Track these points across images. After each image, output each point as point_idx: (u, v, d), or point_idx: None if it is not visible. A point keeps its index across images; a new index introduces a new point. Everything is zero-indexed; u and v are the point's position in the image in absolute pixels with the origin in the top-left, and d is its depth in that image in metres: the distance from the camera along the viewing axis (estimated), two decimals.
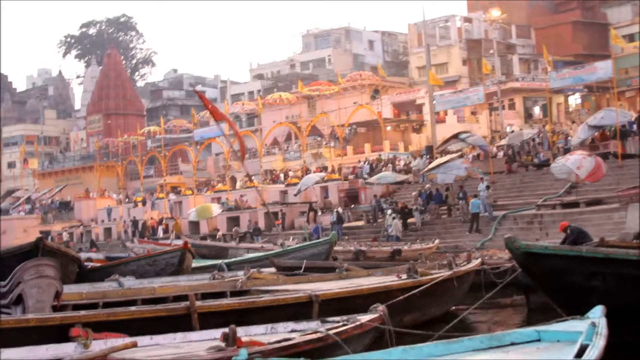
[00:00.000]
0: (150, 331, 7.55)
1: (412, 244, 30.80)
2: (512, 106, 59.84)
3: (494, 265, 17.19)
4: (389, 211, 37.99)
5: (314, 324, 7.85)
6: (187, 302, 8.86)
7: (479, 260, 15.94)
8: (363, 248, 28.74)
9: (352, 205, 45.36)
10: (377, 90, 63.76)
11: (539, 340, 7.22)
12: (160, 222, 55.48)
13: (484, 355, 6.46)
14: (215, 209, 50.32)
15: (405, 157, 54.76)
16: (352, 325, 7.23)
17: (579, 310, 7.80)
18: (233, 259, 21.72)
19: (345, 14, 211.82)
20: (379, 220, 39.50)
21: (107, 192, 75.71)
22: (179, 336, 7.67)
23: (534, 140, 44.98)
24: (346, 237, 37.09)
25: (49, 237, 58.13)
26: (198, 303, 8.90)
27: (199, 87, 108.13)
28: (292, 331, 7.71)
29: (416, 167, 47.70)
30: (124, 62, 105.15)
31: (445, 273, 13.18)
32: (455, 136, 43.95)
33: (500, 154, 46.12)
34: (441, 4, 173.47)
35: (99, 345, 6.74)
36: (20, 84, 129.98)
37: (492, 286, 13.45)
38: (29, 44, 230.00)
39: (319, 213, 44.65)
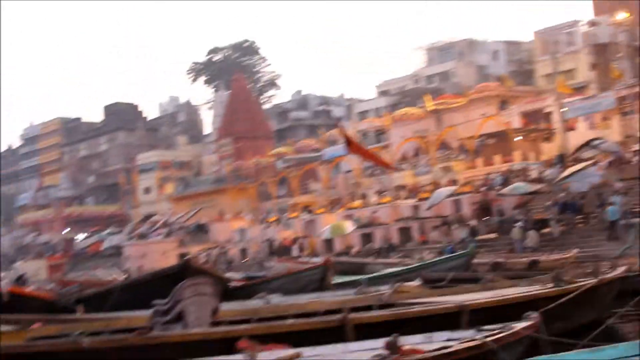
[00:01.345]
0: (307, 344, 7.82)
1: (550, 254, 30.45)
2: None
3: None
4: (518, 224, 37.77)
5: (469, 333, 8.01)
6: (341, 315, 9.17)
7: (625, 267, 15.73)
8: (500, 260, 28.59)
9: (485, 218, 45.09)
10: (505, 100, 63.22)
11: None
12: (294, 241, 56.21)
13: None
14: (349, 226, 50.73)
15: (536, 166, 54.07)
16: (508, 332, 7.37)
17: None
18: (373, 274, 21.97)
19: (467, 25, 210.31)
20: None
21: (241, 213, 76.99)
22: (340, 347, 7.96)
23: None
24: (481, 250, 36.89)
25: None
26: (351, 315, 9.19)
27: (323, 107, 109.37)
28: (448, 340, 7.88)
29: (549, 177, 47.10)
30: (250, 85, 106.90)
31: (591, 281, 13.11)
32: (588, 143, 43.37)
33: (635, 159, 45.11)
34: (565, 5, 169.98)
35: (264, 356, 7.06)
36: (151, 112, 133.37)
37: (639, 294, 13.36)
38: (157, 73, 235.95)
39: (452, 227, 44.57)
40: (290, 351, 7.18)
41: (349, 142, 24.34)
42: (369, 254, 44.87)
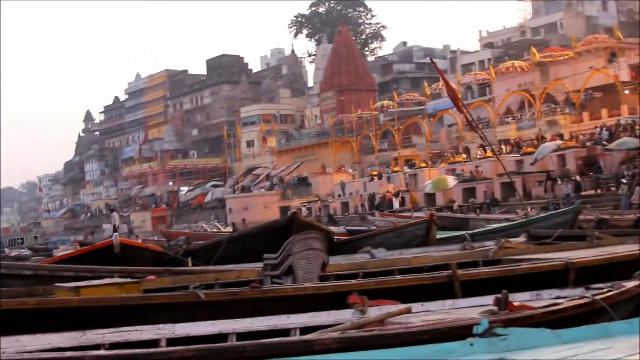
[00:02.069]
0: (414, 299, 7.93)
1: None
2: None
3: None
4: (624, 180, 37.14)
5: (577, 291, 8.01)
6: (449, 271, 9.28)
7: None
8: (605, 216, 28.19)
9: (591, 173, 44.43)
10: (615, 53, 61.83)
11: None
12: (396, 195, 56.31)
13: None
14: (451, 180, 50.59)
15: None
16: (618, 291, 7.37)
17: None
18: (477, 230, 21.87)
19: None
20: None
21: (343, 167, 77.34)
22: (448, 303, 8.06)
23: None
24: (586, 206, 36.36)
25: (289, 213, 60.20)
26: (459, 272, 9.30)
27: (427, 59, 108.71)
28: (557, 297, 7.90)
29: None
30: (353, 38, 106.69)
31: None
32: None
33: None
34: None
35: (374, 311, 7.21)
36: (255, 65, 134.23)
37: None
38: (262, 25, 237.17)
39: (558, 182, 44.05)
40: (401, 306, 7.32)
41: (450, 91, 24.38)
42: (471, 209, 44.70)
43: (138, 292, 9.02)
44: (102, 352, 5.35)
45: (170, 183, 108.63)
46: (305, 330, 7.30)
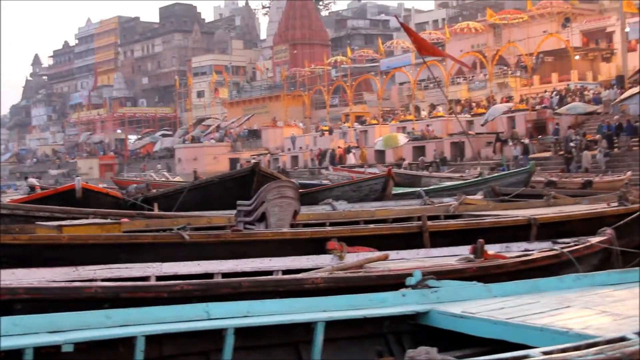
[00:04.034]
0: (385, 248, 8.26)
1: (604, 176, 30.57)
2: None
3: None
4: (572, 144, 37.89)
5: (545, 244, 8.42)
6: (419, 222, 9.66)
7: None
8: (554, 179, 28.76)
9: (540, 136, 45.12)
10: (568, 18, 62.48)
11: None
12: (347, 151, 56.66)
13: None
14: (402, 138, 51.00)
15: (594, 87, 53.71)
16: (584, 245, 7.78)
17: None
18: (431, 187, 22.23)
19: None
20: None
21: (294, 120, 77.45)
22: (421, 252, 8.45)
23: None
24: (538, 168, 36.95)
25: (238, 165, 60.43)
26: (429, 223, 9.69)
27: (382, 16, 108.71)
28: (526, 250, 8.32)
29: (607, 98, 46.79)
30: None
31: None
32: None
33: None
34: None
35: (351, 257, 7.54)
36: (208, 15, 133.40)
37: None
38: None
39: (507, 144, 44.69)
40: (378, 253, 7.64)
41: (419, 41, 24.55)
42: (421, 167, 45.18)
43: (119, 232, 9.27)
44: (108, 284, 5.57)
45: (119, 131, 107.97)
46: (286, 272, 7.60)
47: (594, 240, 8.05)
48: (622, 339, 4.30)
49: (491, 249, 7.65)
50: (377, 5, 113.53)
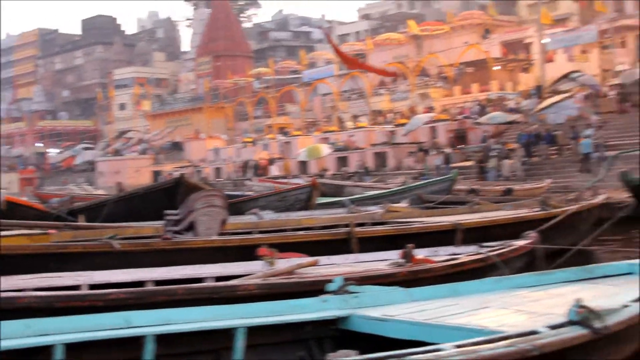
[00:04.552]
0: (313, 254, 8.35)
1: (524, 184, 31.14)
2: (623, 44, 58.89)
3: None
4: (493, 153, 38.48)
5: (471, 248, 8.62)
6: (347, 228, 9.80)
7: (605, 195, 16.42)
8: (476, 187, 29.20)
9: (461, 146, 45.69)
10: (488, 29, 63.45)
11: (631, 273, 7.36)
12: (271, 162, 56.70)
13: (574, 287, 6.74)
14: (325, 149, 51.18)
15: (513, 97, 54.56)
16: (509, 248, 7.99)
17: None
18: (356, 196, 22.45)
19: None
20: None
21: (217, 133, 77.21)
22: (351, 257, 8.56)
23: None
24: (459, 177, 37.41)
25: (160, 177, 60.05)
26: (357, 229, 9.83)
27: (304, 28, 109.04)
28: (453, 254, 8.48)
29: (526, 108, 47.58)
30: (230, 3, 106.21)
31: (577, 206, 13.82)
32: (566, 76, 43.86)
33: (612, 93, 45.58)
34: None
35: (282, 263, 7.60)
36: (130, 27, 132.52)
37: (616, 221, 14.19)
38: None
39: (429, 153, 45.13)
40: (308, 259, 7.73)
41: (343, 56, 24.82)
42: (344, 178, 45.37)
43: (48, 242, 9.22)
44: (42, 293, 5.56)
45: (39, 144, 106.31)
46: (218, 279, 7.64)
47: (520, 243, 8.27)
48: (533, 332, 4.46)
49: (419, 253, 7.79)
50: (300, 17, 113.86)
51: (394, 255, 7.76)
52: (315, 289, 6.07)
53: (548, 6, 57.19)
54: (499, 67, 59.46)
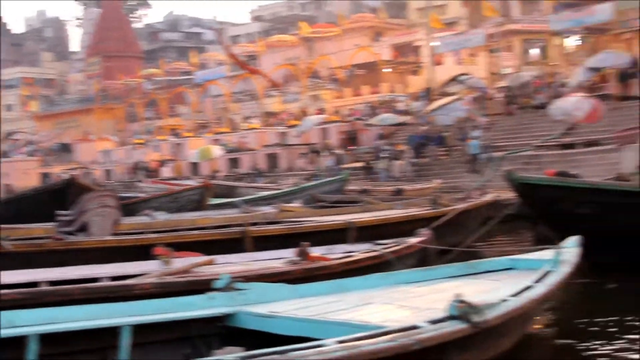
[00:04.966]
0: (208, 253, 8.38)
1: (414, 184, 31.57)
2: (509, 48, 60.19)
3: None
4: (384, 154, 38.90)
5: (366, 246, 8.75)
6: (242, 227, 9.85)
7: (493, 194, 16.84)
8: (367, 187, 29.48)
9: (352, 147, 46.00)
10: (379, 32, 64.14)
11: (512, 268, 7.81)
12: (162, 164, 56.25)
13: (457, 282, 7.01)
14: (217, 150, 50.97)
15: (403, 99, 55.21)
16: (403, 246, 8.16)
17: (570, 235, 8.44)
18: (249, 197, 22.48)
19: None
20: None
21: (107, 134, 76.18)
22: (247, 256, 8.61)
23: (532, 82, 45.26)
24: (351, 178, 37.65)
25: (48, 179, 58.93)
26: (251, 228, 9.88)
27: (196, 29, 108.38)
28: (348, 252, 8.59)
29: (415, 109, 48.15)
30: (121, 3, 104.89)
31: (466, 204, 14.17)
32: (455, 78, 44.63)
33: (499, 96, 46.49)
34: None
35: (178, 263, 7.60)
36: (17, 27, 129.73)
37: (504, 219, 14.66)
38: None
39: (321, 154, 45.31)
40: (204, 258, 7.74)
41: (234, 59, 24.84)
42: (236, 179, 45.24)
43: None
44: None
45: None
46: (114, 279, 7.58)
47: (413, 240, 8.45)
48: (414, 327, 4.60)
49: (315, 251, 7.88)
50: (191, 18, 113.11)
51: (290, 253, 7.85)
52: (210, 287, 6.09)
53: (437, 10, 58.21)
54: (390, 70, 60.11)
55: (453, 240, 12.98)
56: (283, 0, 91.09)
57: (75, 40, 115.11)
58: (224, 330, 5.50)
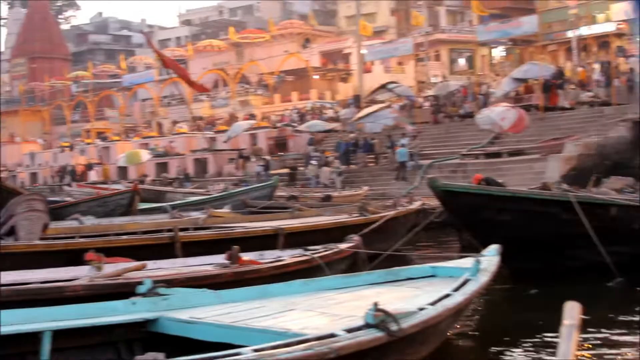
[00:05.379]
0: (138, 259, 8.39)
1: (342, 191, 31.77)
2: (437, 57, 60.96)
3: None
4: (312, 160, 39.06)
5: (297, 251, 8.85)
6: (172, 233, 9.86)
7: (421, 202, 17.07)
8: (295, 193, 29.58)
9: (281, 153, 46.10)
10: (309, 39, 64.44)
11: (433, 276, 7.91)
12: (89, 167, 55.68)
13: (378, 289, 7.12)
14: (145, 155, 50.57)
15: (332, 106, 55.48)
16: (333, 251, 8.28)
17: (492, 242, 8.65)
18: (177, 202, 22.43)
19: None
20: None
21: (33, 137, 75.15)
22: (178, 261, 8.65)
23: (459, 91, 45.86)
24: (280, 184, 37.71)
25: None
26: (181, 234, 9.90)
27: (124, 32, 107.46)
28: (279, 257, 8.69)
29: (344, 117, 48.38)
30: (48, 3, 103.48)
31: (393, 211, 14.35)
32: (383, 86, 44.97)
33: (426, 104, 47.00)
34: None
35: (109, 268, 7.61)
36: None
37: (432, 226, 14.93)
38: None
39: (250, 160, 45.32)
40: (136, 263, 7.76)
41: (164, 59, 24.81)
42: (164, 184, 44.97)
43: None
44: None
45: None
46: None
47: (343, 246, 8.58)
48: (332, 335, 4.71)
49: (245, 256, 7.96)
50: (120, 20, 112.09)
51: (221, 259, 7.91)
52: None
53: (366, 18, 58.56)
54: (318, 77, 60.40)
55: (382, 246, 13.12)
56: (213, 5, 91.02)
57: (2, 41, 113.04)
58: (147, 335, 5.53)
